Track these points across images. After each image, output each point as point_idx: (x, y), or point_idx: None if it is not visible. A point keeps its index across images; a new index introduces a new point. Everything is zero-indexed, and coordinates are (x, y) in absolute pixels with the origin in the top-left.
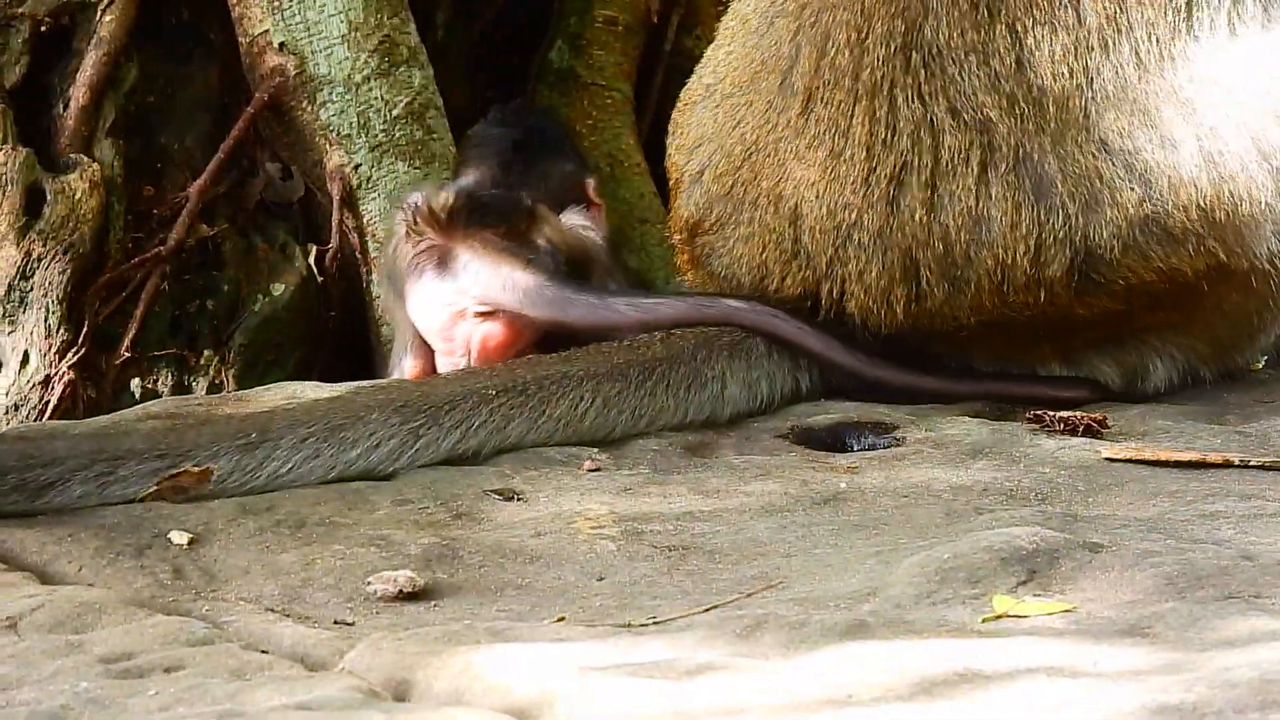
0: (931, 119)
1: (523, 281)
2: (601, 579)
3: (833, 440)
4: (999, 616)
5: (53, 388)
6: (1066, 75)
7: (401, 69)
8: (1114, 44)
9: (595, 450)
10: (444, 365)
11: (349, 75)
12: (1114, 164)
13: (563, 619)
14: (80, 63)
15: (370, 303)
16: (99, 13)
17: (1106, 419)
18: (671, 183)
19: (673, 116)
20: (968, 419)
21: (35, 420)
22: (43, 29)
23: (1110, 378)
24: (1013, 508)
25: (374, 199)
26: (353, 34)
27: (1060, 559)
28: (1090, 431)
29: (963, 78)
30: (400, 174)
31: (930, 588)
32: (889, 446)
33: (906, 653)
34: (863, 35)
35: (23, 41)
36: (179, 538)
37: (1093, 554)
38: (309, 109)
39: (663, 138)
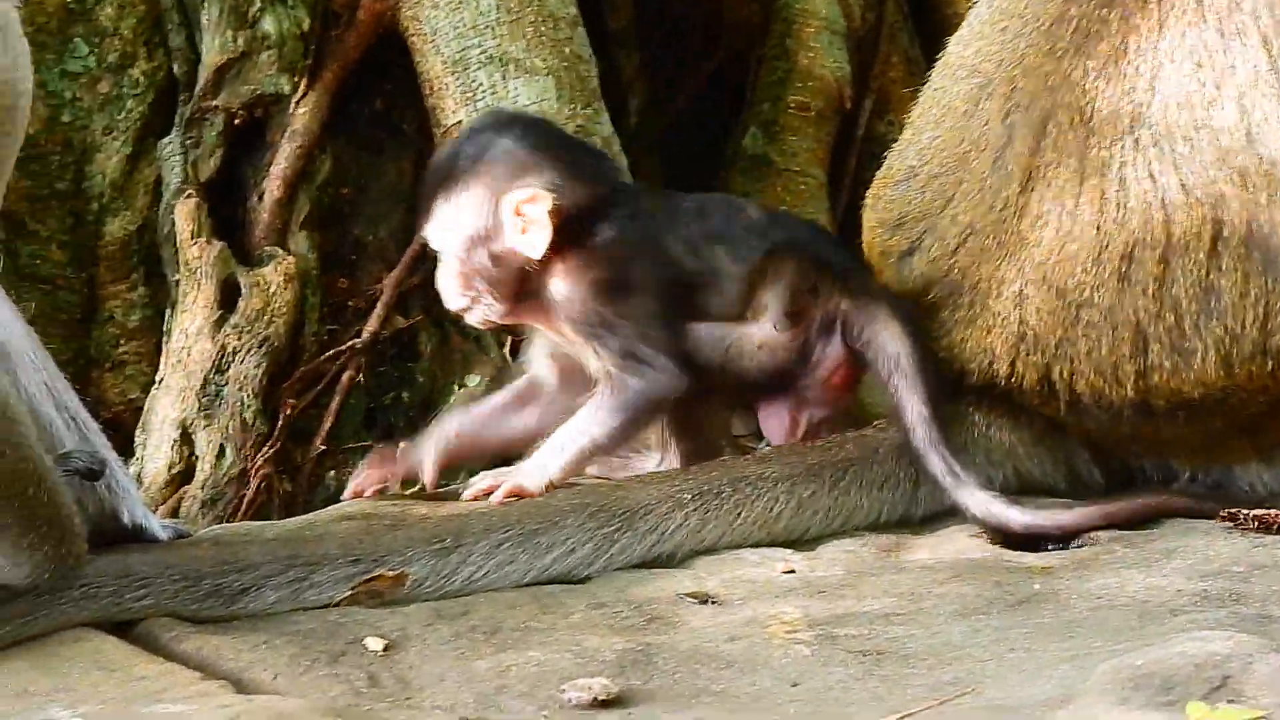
0: (1164, 197)
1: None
2: (796, 685)
3: (1027, 539)
4: None
5: (248, 482)
6: None
7: None
8: None
9: (789, 551)
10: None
11: None
12: None
13: None
14: (274, 155)
15: None
16: (292, 105)
17: None
18: (875, 256)
19: (870, 191)
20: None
21: (231, 515)
22: (236, 121)
23: None
24: (1206, 610)
25: None
26: None
27: (1254, 664)
28: None
29: (1193, 154)
30: None
31: (1124, 695)
32: (1082, 546)
33: None
34: (1086, 116)
35: (217, 134)
36: (374, 644)
37: None
38: None
39: (857, 222)
